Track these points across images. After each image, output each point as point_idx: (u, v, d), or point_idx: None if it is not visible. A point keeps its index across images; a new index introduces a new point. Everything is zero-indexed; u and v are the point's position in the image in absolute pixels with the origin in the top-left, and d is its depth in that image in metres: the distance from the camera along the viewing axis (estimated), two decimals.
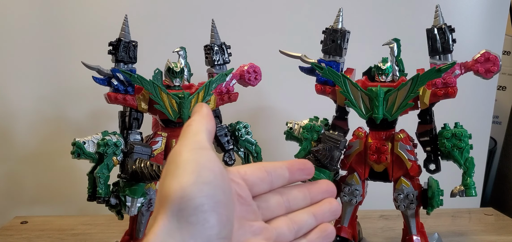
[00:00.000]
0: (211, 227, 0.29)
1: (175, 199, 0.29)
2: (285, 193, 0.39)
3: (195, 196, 0.29)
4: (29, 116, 0.96)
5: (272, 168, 0.38)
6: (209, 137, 0.34)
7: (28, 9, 0.93)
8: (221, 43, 0.70)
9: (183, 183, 0.29)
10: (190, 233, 0.29)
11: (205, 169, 0.30)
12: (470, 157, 0.63)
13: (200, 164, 0.30)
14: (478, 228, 0.84)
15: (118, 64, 0.65)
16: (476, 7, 0.97)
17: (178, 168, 0.30)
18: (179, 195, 0.29)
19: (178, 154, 0.31)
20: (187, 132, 0.34)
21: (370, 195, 0.72)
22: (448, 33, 0.63)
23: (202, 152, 0.32)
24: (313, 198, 0.40)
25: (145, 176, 0.61)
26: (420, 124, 0.66)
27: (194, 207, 0.29)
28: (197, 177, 0.30)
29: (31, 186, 0.99)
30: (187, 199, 0.29)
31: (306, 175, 0.39)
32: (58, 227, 0.85)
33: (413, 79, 0.61)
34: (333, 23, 0.67)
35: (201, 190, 0.29)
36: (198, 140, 0.33)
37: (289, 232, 0.38)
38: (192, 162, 0.30)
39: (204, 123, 0.35)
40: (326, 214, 0.40)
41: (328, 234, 0.39)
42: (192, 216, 0.29)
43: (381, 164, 0.66)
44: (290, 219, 0.38)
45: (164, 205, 0.30)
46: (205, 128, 0.34)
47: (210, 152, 0.32)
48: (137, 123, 0.67)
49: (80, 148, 0.62)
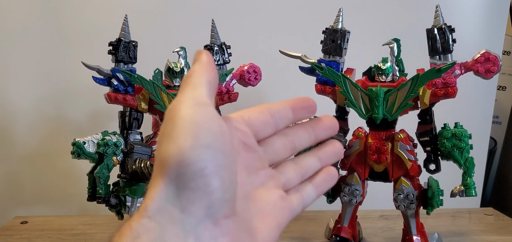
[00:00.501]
0: (212, 191, 0.28)
1: (173, 164, 0.27)
2: (289, 134, 0.38)
3: (194, 161, 0.27)
4: (29, 116, 0.96)
5: (275, 109, 0.36)
6: (210, 89, 0.31)
7: (28, 9, 0.93)
8: (221, 43, 0.70)
9: (181, 146, 0.27)
10: (190, 199, 0.27)
11: (204, 130, 0.28)
12: (470, 157, 0.63)
13: (199, 124, 0.28)
14: (478, 228, 0.84)
15: (118, 64, 0.65)
16: (476, 7, 0.97)
17: (175, 129, 0.28)
18: (177, 159, 0.27)
19: (176, 111, 0.29)
20: (186, 84, 0.31)
21: (370, 195, 0.72)
22: (448, 33, 0.63)
23: (201, 109, 0.29)
24: (317, 136, 0.39)
25: (145, 176, 0.61)
26: (420, 124, 0.66)
27: (193, 172, 0.27)
28: (196, 139, 0.27)
29: (31, 186, 0.99)
30: (186, 163, 0.27)
31: (310, 112, 0.38)
32: (58, 227, 0.85)
33: (413, 79, 0.61)
34: (333, 23, 0.67)
35: (200, 153, 0.27)
36: (197, 94, 0.30)
37: (295, 176, 0.37)
38: (190, 122, 0.28)
39: (204, 74, 0.32)
40: (330, 156, 0.40)
41: (332, 176, 0.39)
42: (192, 182, 0.27)
43: (381, 164, 0.66)
44: (296, 163, 0.38)
45: (162, 170, 0.28)
46: (205, 80, 0.31)
47: (209, 108, 0.30)
48: (137, 123, 0.67)
49: (80, 148, 0.62)
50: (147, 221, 0.27)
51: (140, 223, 0.27)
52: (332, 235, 0.71)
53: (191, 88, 0.30)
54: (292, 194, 0.37)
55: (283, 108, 0.37)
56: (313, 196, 0.38)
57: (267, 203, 0.34)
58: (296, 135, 0.38)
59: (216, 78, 0.33)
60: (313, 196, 0.38)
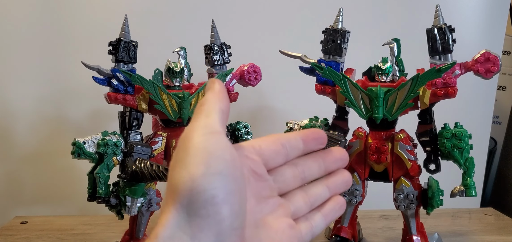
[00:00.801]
0: (222, 219, 0.28)
1: (185, 191, 0.28)
2: (300, 164, 0.38)
3: (205, 189, 0.28)
4: (29, 116, 0.96)
5: (286, 140, 0.37)
6: (222, 118, 0.32)
7: (28, 9, 0.93)
8: (221, 43, 0.70)
9: (193, 174, 0.28)
10: (200, 226, 0.28)
11: (216, 158, 0.29)
12: (470, 157, 0.63)
13: (211, 153, 0.29)
14: (478, 228, 0.84)
15: (118, 64, 0.65)
16: (476, 7, 0.97)
17: (188, 156, 0.29)
18: (189, 186, 0.28)
19: (188, 139, 0.30)
20: (199, 112, 0.32)
21: (370, 195, 0.72)
22: (448, 33, 0.63)
23: (213, 138, 0.30)
24: (327, 167, 0.39)
25: (145, 176, 0.61)
26: (420, 124, 0.66)
27: (204, 200, 0.28)
28: (207, 167, 0.28)
29: (31, 186, 0.99)
30: (197, 191, 0.28)
31: (320, 144, 0.39)
32: (58, 227, 0.85)
33: (413, 79, 0.61)
34: (333, 23, 0.67)
35: (211, 181, 0.28)
36: (210, 123, 0.31)
37: (305, 205, 0.38)
38: (202, 150, 0.29)
39: (216, 102, 0.33)
40: (339, 185, 0.40)
41: (340, 205, 0.40)
42: (202, 209, 0.28)
43: (381, 164, 0.66)
44: (306, 192, 0.38)
45: (173, 196, 0.28)
46: (218, 108, 0.32)
47: (222, 137, 0.30)
48: (137, 123, 0.67)
49: (80, 148, 0.62)
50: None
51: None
52: (332, 235, 0.71)
53: (204, 117, 0.31)
54: (301, 223, 0.37)
55: (293, 138, 0.37)
56: (322, 225, 0.39)
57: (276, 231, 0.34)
58: (307, 165, 0.38)
59: (228, 107, 0.34)
60: (322, 225, 0.39)
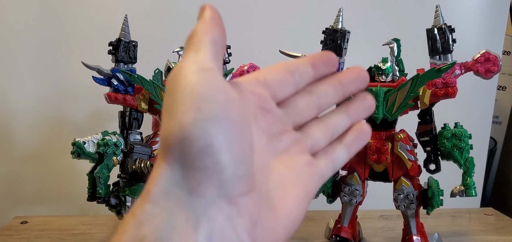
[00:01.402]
0: (223, 169, 0.24)
1: (175, 142, 0.24)
2: (313, 91, 0.33)
3: (198, 137, 0.24)
4: (29, 116, 0.96)
5: (294, 67, 0.32)
6: (215, 50, 0.27)
7: (28, 9, 0.93)
8: None
9: (182, 122, 0.24)
10: (199, 179, 0.24)
11: (208, 101, 0.24)
12: (470, 157, 0.62)
13: (201, 95, 0.24)
14: (478, 228, 0.84)
15: (118, 64, 0.65)
16: (476, 7, 0.97)
17: (175, 102, 0.25)
18: (179, 137, 0.24)
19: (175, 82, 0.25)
20: (187, 47, 0.27)
21: (370, 195, 0.72)
22: (448, 33, 0.63)
23: (203, 76, 0.25)
24: (345, 91, 0.34)
25: (145, 176, 0.61)
26: (420, 124, 0.66)
27: (198, 150, 0.24)
28: (198, 112, 0.24)
29: (31, 186, 0.99)
30: (189, 141, 0.24)
31: (332, 67, 0.34)
32: (58, 227, 0.85)
33: (413, 79, 0.61)
34: (333, 23, 0.67)
35: (204, 128, 0.24)
36: (199, 58, 0.26)
37: (323, 137, 0.33)
38: (192, 93, 0.24)
39: (207, 32, 0.28)
40: (361, 111, 0.35)
41: (365, 133, 0.35)
42: (198, 161, 0.24)
43: (381, 164, 0.66)
44: (323, 122, 0.34)
45: (164, 150, 0.25)
46: (208, 39, 0.27)
47: (214, 74, 0.26)
48: (137, 123, 0.67)
49: (80, 148, 0.62)
50: (151, 206, 0.24)
51: (143, 209, 0.24)
52: (332, 235, 0.71)
53: (193, 52, 0.27)
54: (321, 157, 0.33)
55: (301, 64, 0.33)
56: (345, 157, 0.34)
57: (292, 171, 0.30)
58: (321, 91, 0.33)
59: (223, 36, 0.29)
60: (344, 157, 0.34)
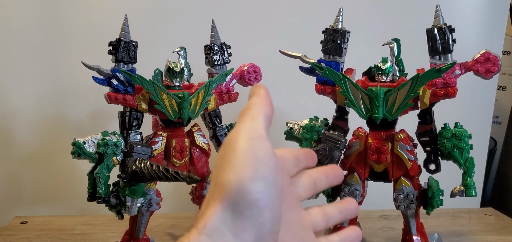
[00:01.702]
0: (264, 222, 0.30)
1: (232, 191, 0.29)
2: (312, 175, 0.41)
3: (251, 191, 0.29)
4: (29, 116, 0.96)
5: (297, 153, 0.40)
6: (267, 123, 0.34)
7: (28, 9, 0.93)
8: (221, 43, 0.70)
9: (241, 176, 0.29)
10: (243, 226, 0.29)
11: (263, 163, 0.30)
12: (470, 157, 0.63)
13: (258, 158, 0.30)
14: (478, 228, 0.84)
15: (118, 64, 0.65)
16: (476, 7, 0.97)
17: (236, 158, 0.30)
18: (236, 188, 0.29)
19: (235, 141, 0.31)
20: (245, 116, 0.33)
21: (370, 195, 0.72)
22: (448, 33, 0.63)
23: (259, 143, 0.31)
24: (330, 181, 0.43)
25: (145, 176, 0.61)
26: (420, 124, 0.66)
27: (249, 202, 0.29)
28: (255, 171, 0.30)
29: (31, 186, 0.99)
30: (244, 193, 0.29)
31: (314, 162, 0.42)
32: (58, 227, 0.85)
33: (413, 79, 0.61)
34: (333, 23, 0.67)
35: (258, 185, 0.30)
36: (256, 127, 0.32)
37: (322, 221, 0.40)
38: (250, 154, 0.30)
39: (262, 107, 0.34)
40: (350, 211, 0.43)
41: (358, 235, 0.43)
42: (247, 210, 0.29)
43: (381, 164, 0.66)
44: (322, 209, 0.41)
45: (221, 193, 0.30)
46: (263, 113, 0.34)
47: (267, 142, 0.32)
48: (137, 123, 0.67)
49: (80, 148, 0.62)
50: (205, 238, 0.29)
51: (198, 239, 0.29)
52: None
53: (250, 120, 0.33)
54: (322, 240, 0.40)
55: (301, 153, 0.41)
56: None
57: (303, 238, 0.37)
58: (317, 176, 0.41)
59: (272, 113, 0.35)
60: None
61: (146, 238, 0.69)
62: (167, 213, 0.87)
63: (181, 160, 0.68)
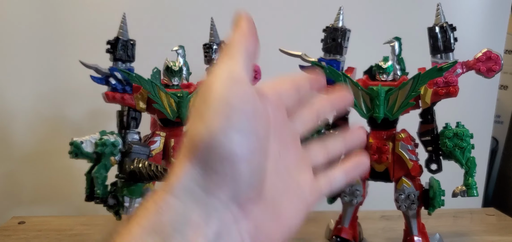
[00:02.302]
0: (240, 177, 0.26)
1: (202, 146, 0.26)
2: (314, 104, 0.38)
3: (223, 144, 0.26)
4: (26, 116, 0.96)
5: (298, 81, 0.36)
6: (248, 61, 0.29)
7: (26, 8, 0.93)
8: (220, 41, 0.70)
9: (211, 127, 0.26)
10: (216, 182, 0.26)
11: (238, 111, 0.26)
12: (472, 157, 0.62)
13: (232, 105, 0.26)
14: (480, 228, 0.84)
15: (116, 63, 0.64)
16: (478, 5, 0.97)
17: (207, 107, 0.26)
18: (206, 141, 0.26)
19: (209, 87, 0.27)
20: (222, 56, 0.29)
21: (371, 195, 0.71)
22: (449, 31, 0.62)
23: (235, 87, 0.27)
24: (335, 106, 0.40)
25: (144, 176, 0.60)
26: (421, 123, 0.66)
27: (222, 156, 0.26)
28: (227, 121, 0.26)
29: (28, 186, 0.99)
30: (215, 146, 0.26)
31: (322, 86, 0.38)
32: (56, 227, 0.85)
33: (414, 78, 0.61)
34: (333, 22, 0.66)
35: (231, 137, 0.26)
36: (233, 67, 0.28)
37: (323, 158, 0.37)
38: (223, 101, 0.26)
39: (243, 42, 0.29)
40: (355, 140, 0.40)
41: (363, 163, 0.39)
42: (220, 165, 0.26)
43: (382, 164, 0.65)
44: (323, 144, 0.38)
45: (190, 148, 0.27)
46: (243, 49, 0.29)
47: (244, 85, 0.27)
48: (135, 122, 0.66)
49: (78, 148, 0.61)
50: (172, 198, 0.26)
51: (165, 200, 0.26)
52: (332, 236, 0.71)
53: (228, 59, 0.28)
54: (321, 178, 0.36)
55: (304, 82, 0.37)
56: (342, 181, 0.37)
57: (297, 184, 0.33)
58: (320, 105, 0.38)
59: (257, 47, 0.30)
60: (342, 181, 0.37)
61: None
62: None
63: None
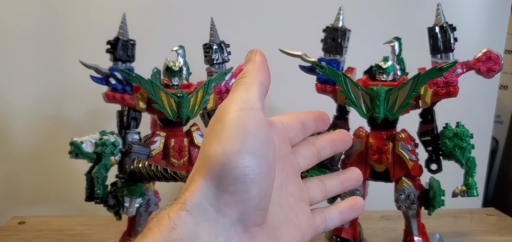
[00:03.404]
0: (249, 198, 0.28)
1: (217, 165, 0.28)
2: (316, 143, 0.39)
3: (237, 165, 0.28)
4: (26, 116, 0.96)
5: (304, 118, 0.38)
6: (262, 92, 0.32)
7: (26, 8, 0.93)
8: (220, 41, 0.70)
9: (227, 149, 0.28)
10: (227, 201, 0.28)
11: (252, 136, 0.28)
12: (472, 157, 0.62)
13: (247, 130, 0.28)
14: (480, 228, 0.84)
15: (116, 63, 0.64)
16: (478, 5, 0.97)
17: (224, 130, 0.28)
18: (221, 161, 0.28)
19: (225, 112, 0.29)
20: (238, 85, 0.31)
21: (371, 195, 0.71)
22: (449, 31, 0.62)
23: (250, 114, 0.29)
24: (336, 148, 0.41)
25: (144, 176, 0.60)
26: (421, 123, 0.66)
27: (235, 177, 0.28)
28: (242, 144, 0.28)
29: (28, 186, 0.99)
30: (229, 167, 0.28)
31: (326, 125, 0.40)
32: (56, 228, 0.85)
33: (414, 78, 0.61)
34: (333, 22, 0.66)
35: (244, 159, 0.28)
36: (249, 97, 0.30)
37: (320, 194, 0.39)
38: (239, 126, 0.28)
39: (257, 75, 0.32)
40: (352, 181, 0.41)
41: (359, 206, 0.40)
42: (232, 185, 0.28)
43: (382, 164, 0.65)
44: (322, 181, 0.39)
45: (205, 166, 0.28)
46: (258, 82, 0.32)
47: (259, 113, 0.30)
48: (135, 122, 0.66)
49: (78, 148, 0.61)
50: (185, 214, 0.27)
51: (179, 215, 0.27)
52: (332, 236, 0.70)
53: (243, 90, 0.31)
54: (317, 215, 0.37)
55: (309, 118, 0.39)
56: (337, 221, 0.39)
57: (296, 215, 0.35)
58: (321, 144, 0.39)
59: (269, 80, 0.33)
60: (336, 221, 0.39)
61: None
62: None
63: (180, 160, 0.67)
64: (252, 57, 0.34)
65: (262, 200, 0.29)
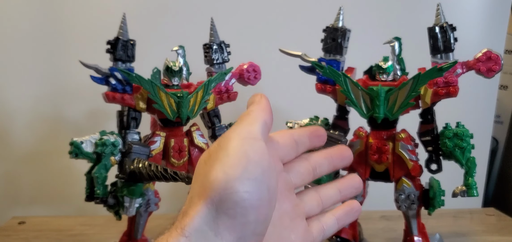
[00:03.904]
0: (248, 223, 0.29)
1: (218, 190, 0.29)
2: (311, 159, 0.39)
3: (238, 190, 0.28)
4: (26, 116, 0.96)
5: (297, 135, 0.38)
6: (265, 130, 0.33)
7: (26, 8, 0.93)
8: (220, 41, 0.70)
9: (229, 175, 0.29)
10: (226, 225, 0.29)
11: (253, 164, 0.29)
12: (472, 157, 0.62)
13: (249, 158, 0.30)
14: (480, 228, 0.84)
15: (116, 63, 0.64)
16: (478, 5, 0.97)
17: (227, 157, 0.30)
18: (223, 186, 0.29)
19: (228, 140, 0.31)
20: (243, 119, 0.33)
21: (371, 195, 0.71)
22: (449, 31, 0.62)
23: (252, 143, 0.31)
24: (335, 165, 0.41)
25: (144, 176, 0.60)
26: (421, 123, 0.66)
27: (234, 201, 0.28)
28: (244, 171, 0.29)
29: (28, 186, 0.99)
30: (230, 192, 0.28)
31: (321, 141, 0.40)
32: (56, 228, 0.85)
33: (414, 78, 0.61)
34: (333, 22, 0.66)
35: (245, 185, 0.29)
36: (252, 129, 0.32)
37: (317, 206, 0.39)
38: (242, 154, 0.30)
39: (262, 115, 0.33)
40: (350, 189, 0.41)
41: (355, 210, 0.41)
42: (231, 210, 0.28)
43: (382, 164, 0.65)
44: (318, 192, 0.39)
45: (206, 191, 0.29)
46: (262, 120, 0.33)
47: (261, 143, 0.31)
48: (135, 123, 0.66)
49: (78, 148, 0.61)
50: (184, 240, 0.28)
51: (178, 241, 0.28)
52: (332, 236, 0.70)
53: (247, 124, 0.32)
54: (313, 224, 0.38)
55: (303, 135, 0.38)
56: (334, 228, 0.39)
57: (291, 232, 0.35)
58: (317, 161, 0.39)
59: (272, 122, 0.34)
60: (334, 228, 0.39)
61: (144, 238, 0.69)
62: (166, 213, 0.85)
63: (180, 160, 0.67)
64: (257, 99, 0.35)
65: (260, 225, 0.30)
